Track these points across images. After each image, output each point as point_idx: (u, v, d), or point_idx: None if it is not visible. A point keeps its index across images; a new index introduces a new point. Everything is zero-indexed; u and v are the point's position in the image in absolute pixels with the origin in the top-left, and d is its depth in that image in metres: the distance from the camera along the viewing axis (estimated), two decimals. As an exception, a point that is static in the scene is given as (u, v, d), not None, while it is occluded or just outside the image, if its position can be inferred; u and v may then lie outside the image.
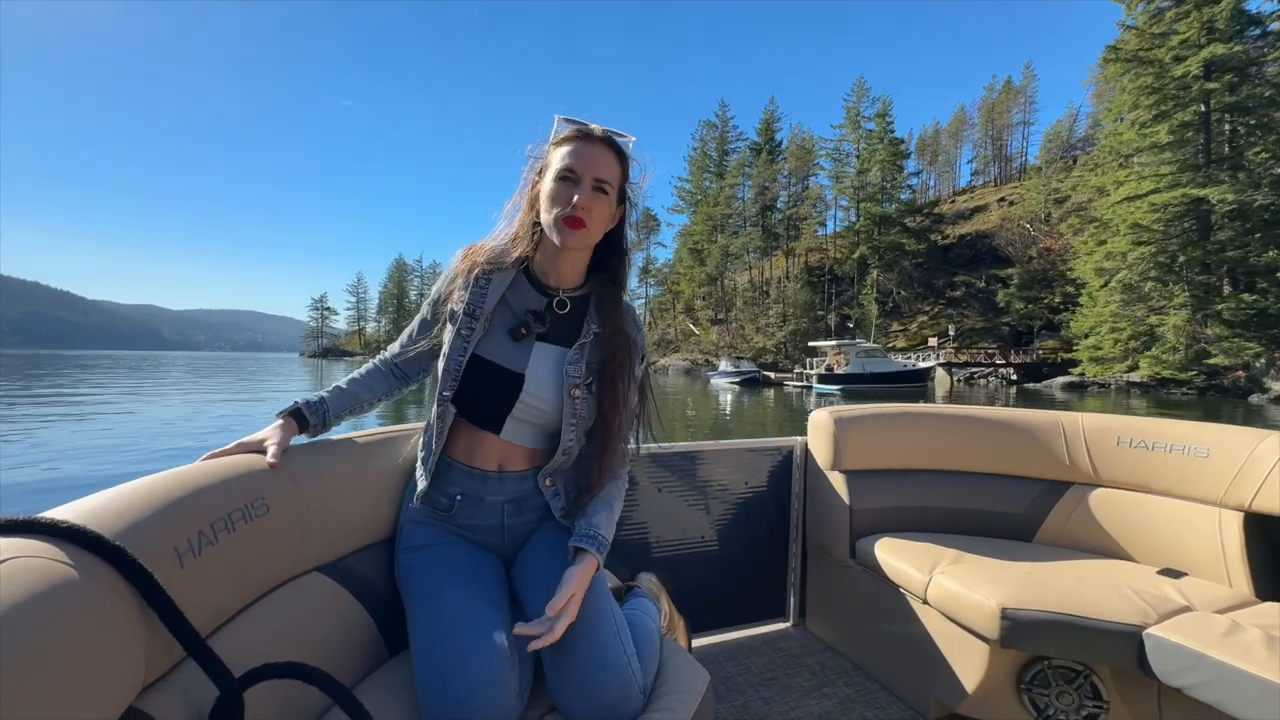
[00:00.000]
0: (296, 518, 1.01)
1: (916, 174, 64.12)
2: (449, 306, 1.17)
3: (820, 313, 54.50)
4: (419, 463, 1.20)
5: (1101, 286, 32.60)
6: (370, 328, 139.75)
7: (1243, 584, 1.56)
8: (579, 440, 1.18)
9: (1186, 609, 1.37)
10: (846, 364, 33.03)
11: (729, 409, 23.66)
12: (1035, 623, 1.34)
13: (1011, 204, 59.36)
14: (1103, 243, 32.41)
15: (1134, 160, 32.48)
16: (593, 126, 1.14)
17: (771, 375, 38.35)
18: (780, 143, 65.48)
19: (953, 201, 66.19)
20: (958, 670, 1.56)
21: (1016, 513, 1.95)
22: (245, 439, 1.07)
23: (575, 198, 1.07)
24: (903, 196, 55.31)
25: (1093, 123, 66.28)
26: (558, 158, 1.11)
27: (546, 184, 1.11)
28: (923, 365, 34.18)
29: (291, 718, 0.88)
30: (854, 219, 55.61)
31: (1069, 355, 35.79)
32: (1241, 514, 1.60)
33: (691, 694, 1.02)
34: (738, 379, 36.72)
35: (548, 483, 1.19)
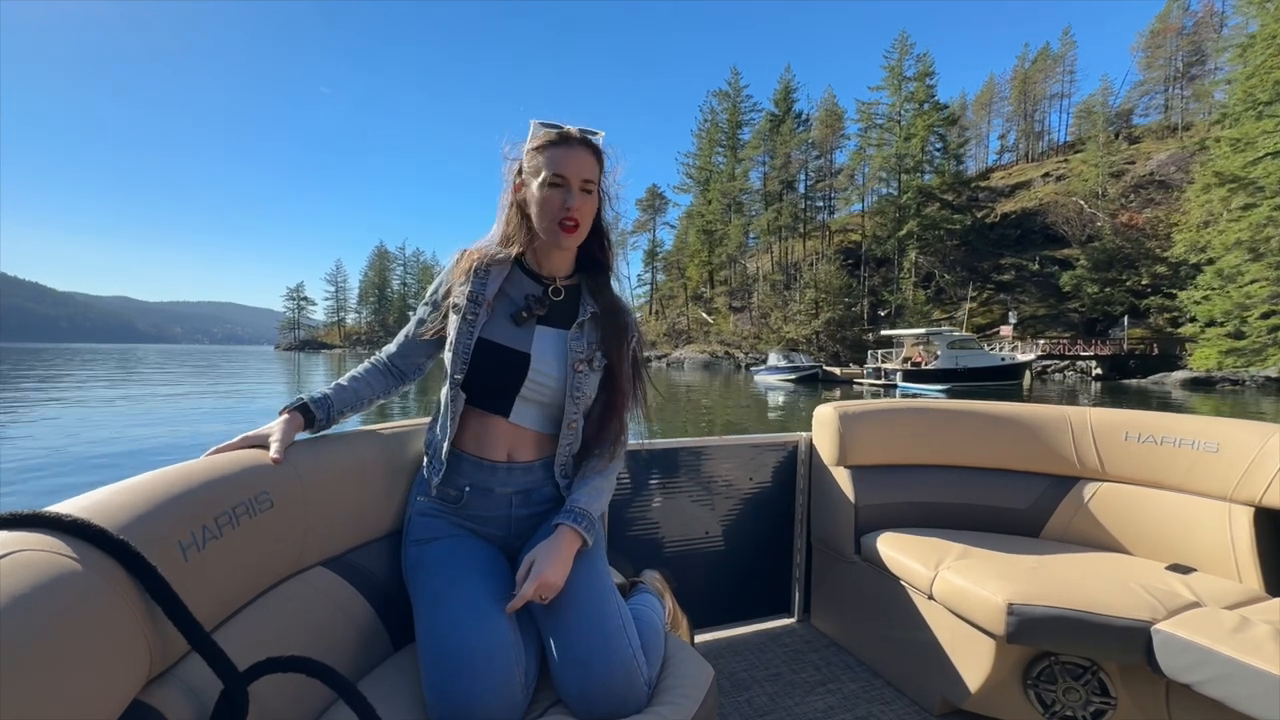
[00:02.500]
0: (300, 512, 1.02)
1: (963, 144, 57.94)
2: (450, 300, 1.21)
3: (848, 299, 48.24)
4: (428, 453, 1.22)
5: (1244, 261, 26.55)
6: (351, 319, 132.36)
7: (1253, 579, 1.54)
8: (581, 418, 1.21)
9: (1195, 605, 1.36)
10: (936, 357, 26.73)
11: (782, 414, 17.85)
12: (1042, 618, 1.33)
13: (1059, 179, 53.91)
14: (1250, 207, 26.36)
15: (1271, 109, 26.38)
16: (569, 129, 1.18)
17: (838, 371, 31.61)
18: (800, 114, 58.83)
19: (987, 178, 60.28)
20: (964, 666, 1.55)
21: (1023, 508, 1.93)
22: (250, 433, 1.07)
23: (568, 203, 1.14)
24: (951, 167, 49.11)
25: (1141, 93, 61.10)
26: (544, 164, 1.15)
27: (535, 190, 1.16)
28: (1021, 358, 28.02)
29: (296, 711, 0.89)
30: (888, 193, 49.23)
31: (1200, 344, 29.70)
32: (1252, 509, 1.57)
33: (696, 688, 1.03)
34: (792, 375, 30.07)
35: (563, 474, 1.22)
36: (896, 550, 1.74)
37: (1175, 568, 1.61)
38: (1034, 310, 43.17)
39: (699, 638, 1.97)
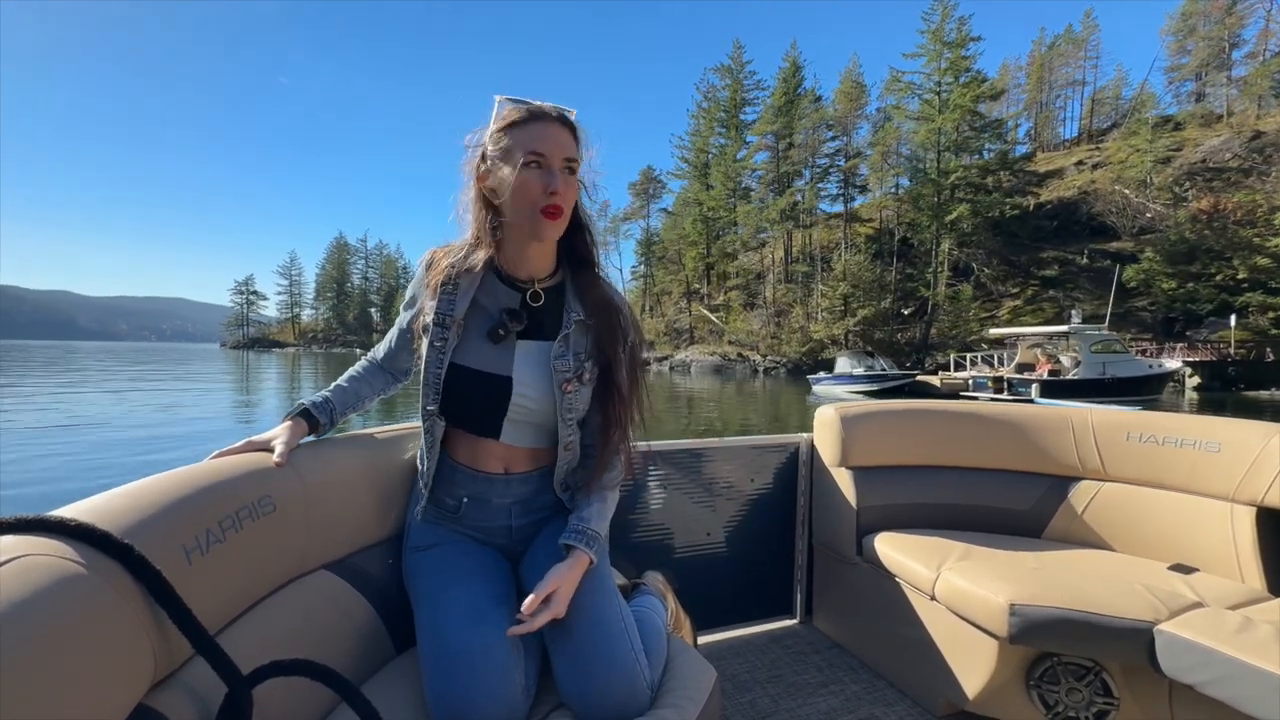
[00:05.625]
0: (303, 516, 1.01)
1: (1019, 113, 52.56)
2: (421, 318, 1.13)
3: (884, 295, 42.29)
4: (418, 473, 1.19)
5: None
6: (306, 315, 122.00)
7: (1255, 580, 1.54)
8: (576, 433, 1.15)
9: (1198, 605, 1.36)
10: (1057, 361, 20.56)
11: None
12: (1044, 619, 1.33)
13: (1095, 167, 49.33)
14: None
15: None
16: (544, 105, 1.06)
17: (936, 381, 24.93)
18: (812, 90, 52.64)
19: (1031, 161, 55.28)
20: (966, 667, 1.54)
21: (1024, 509, 1.93)
22: (253, 438, 1.06)
23: (551, 185, 1.01)
24: (990, 148, 43.62)
25: (1178, 78, 57.04)
26: (516, 143, 1.03)
27: (508, 174, 1.03)
28: (1169, 365, 22.14)
29: (299, 715, 0.89)
30: (923, 172, 43.43)
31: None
32: (1254, 509, 1.57)
33: (699, 690, 1.02)
34: (872, 386, 23.32)
35: (563, 488, 1.18)
36: (898, 551, 1.73)
37: (1177, 568, 1.60)
38: (1094, 308, 37.94)
39: (702, 639, 1.96)
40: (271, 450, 1.03)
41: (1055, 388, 18.87)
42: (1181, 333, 34.15)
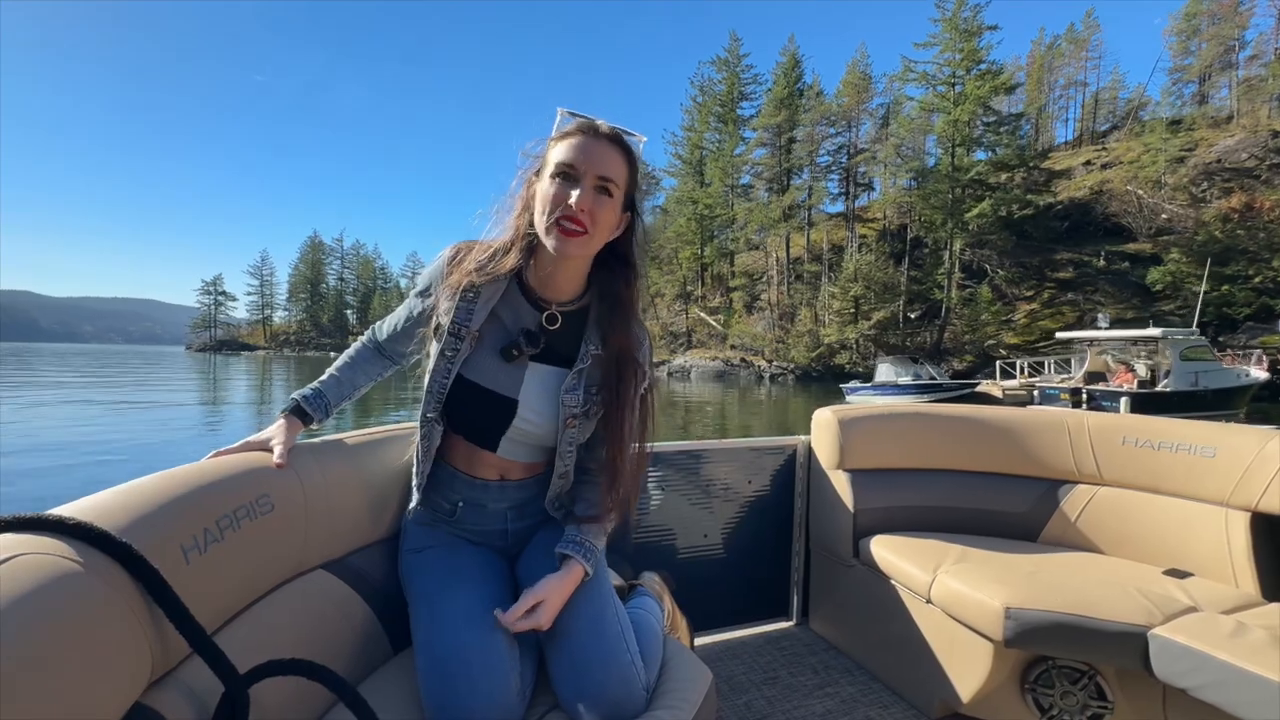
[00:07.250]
0: (301, 516, 1.02)
1: (1040, 108, 50.49)
2: (435, 318, 1.10)
3: (897, 297, 39.85)
4: (413, 475, 1.18)
5: None
6: (278, 317, 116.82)
7: (1249, 585, 1.54)
8: (573, 464, 1.14)
9: (1192, 610, 1.36)
10: (1150, 372, 17.93)
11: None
12: (1039, 623, 1.34)
13: (1104, 167, 47.72)
14: None
15: None
16: (598, 121, 1.04)
17: (998, 391, 21.78)
18: (814, 85, 50.26)
19: (1047, 158, 53.52)
20: (961, 670, 1.55)
21: (1020, 512, 1.93)
22: (251, 438, 1.07)
23: (574, 197, 0.96)
24: (1004, 144, 41.46)
25: (1183, 79, 55.88)
26: (557, 153, 1.00)
27: (543, 183, 1.01)
28: (1257, 374, 19.64)
29: (296, 714, 0.89)
30: (934, 168, 41.15)
31: None
32: (1248, 514, 1.57)
33: (694, 692, 1.03)
34: (924, 397, 20.33)
35: (555, 508, 1.17)
36: (894, 554, 1.73)
37: (1172, 572, 1.60)
38: (1119, 313, 35.87)
39: (698, 640, 1.96)
40: (269, 450, 1.03)
41: (1148, 402, 16.12)
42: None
